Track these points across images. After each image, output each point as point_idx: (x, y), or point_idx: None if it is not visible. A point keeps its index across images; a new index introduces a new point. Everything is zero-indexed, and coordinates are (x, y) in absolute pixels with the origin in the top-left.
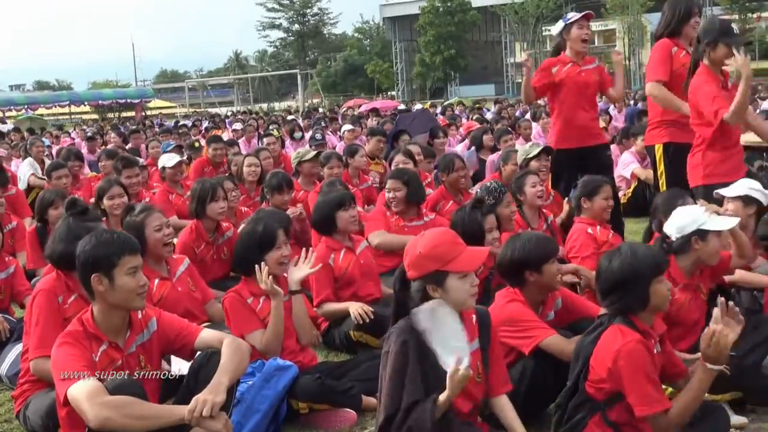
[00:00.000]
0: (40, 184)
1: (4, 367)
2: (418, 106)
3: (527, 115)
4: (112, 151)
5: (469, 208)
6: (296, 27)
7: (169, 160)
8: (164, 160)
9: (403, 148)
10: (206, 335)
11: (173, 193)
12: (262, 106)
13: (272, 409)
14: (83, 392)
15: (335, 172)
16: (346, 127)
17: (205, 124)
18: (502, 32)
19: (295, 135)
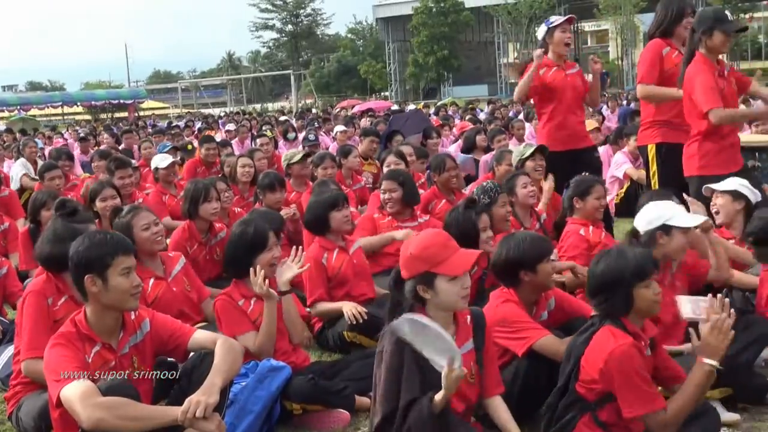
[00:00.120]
0: (32, 185)
1: None
2: (412, 107)
3: (520, 116)
4: (105, 152)
5: (463, 208)
6: (289, 28)
7: (162, 161)
8: (157, 161)
9: (395, 149)
10: (199, 336)
11: (167, 194)
12: (256, 107)
13: (265, 410)
14: (76, 393)
15: (329, 173)
16: (338, 128)
17: (198, 125)
18: (495, 33)
19: (289, 136)
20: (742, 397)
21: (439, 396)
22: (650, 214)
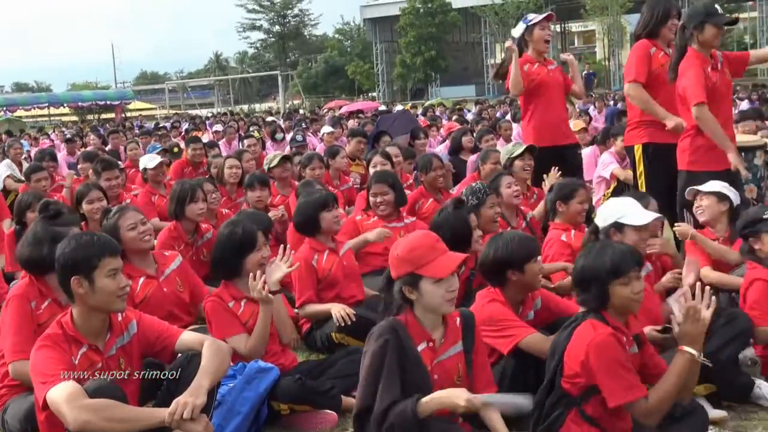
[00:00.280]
0: (17, 187)
1: None
2: (399, 108)
3: (507, 116)
4: (91, 154)
5: (451, 208)
6: (277, 28)
7: (150, 161)
8: (145, 161)
9: (381, 150)
10: (187, 337)
11: (156, 194)
12: (243, 108)
13: (253, 411)
14: (62, 395)
15: (317, 173)
16: (326, 129)
17: (185, 126)
18: (482, 33)
19: (276, 136)
20: (727, 396)
21: (426, 400)
22: (606, 212)
